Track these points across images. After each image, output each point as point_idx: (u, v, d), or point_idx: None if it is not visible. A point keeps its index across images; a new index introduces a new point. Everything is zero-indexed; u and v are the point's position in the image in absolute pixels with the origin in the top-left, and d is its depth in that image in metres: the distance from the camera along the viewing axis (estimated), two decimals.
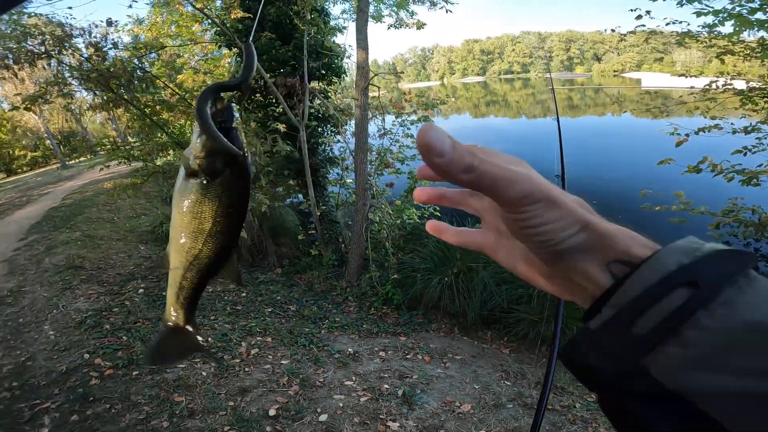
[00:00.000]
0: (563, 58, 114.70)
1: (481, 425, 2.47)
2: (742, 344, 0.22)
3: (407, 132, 6.33)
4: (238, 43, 5.36)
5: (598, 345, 0.26)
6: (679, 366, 0.23)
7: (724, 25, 3.82)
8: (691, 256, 0.25)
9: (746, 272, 0.24)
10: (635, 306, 0.25)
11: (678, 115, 5.39)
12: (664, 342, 0.23)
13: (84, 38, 6.27)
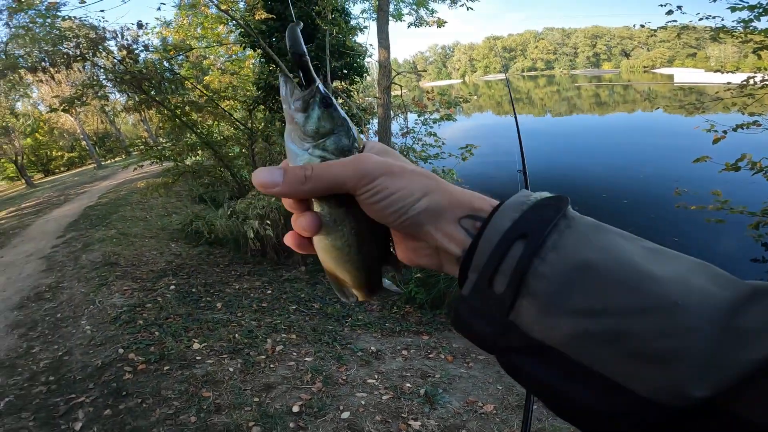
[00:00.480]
0: (589, 54, 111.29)
1: (504, 426, 2.44)
2: (573, 285, 0.24)
3: (430, 131, 6.30)
4: (262, 44, 5.46)
5: (473, 310, 0.28)
6: (535, 316, 0.25)
7: (760, 20, 3.63)
8: (519, 209, 0.28)
9: (565, 214, 0.28)
10: (489, 266, 0.27)
11: (713, 111, 5.15)
12: (519, 295, 0.26)
13: (116, 41, 6.50)
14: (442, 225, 0.31)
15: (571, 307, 0.24)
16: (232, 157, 7.03)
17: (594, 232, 0.27)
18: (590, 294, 0.24)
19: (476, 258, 0.28)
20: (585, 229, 0.27)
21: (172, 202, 8.82)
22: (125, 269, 4.97)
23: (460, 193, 0.32)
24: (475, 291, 0.28)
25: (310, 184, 0.32)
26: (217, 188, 8.12)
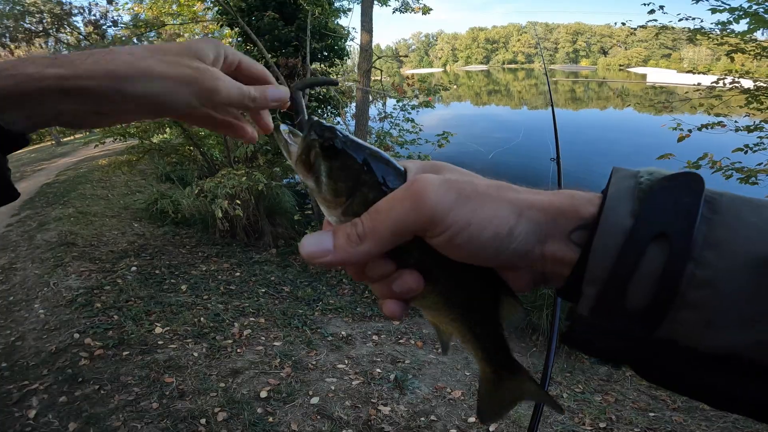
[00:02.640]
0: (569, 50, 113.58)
1: (471, 412, 2.49)
2: (755, 289, 0.20)
3: (408, 116, 6.27)
4: (240, 22, 5.24)
5: (599, 329, 0.23)
6: (703, 329, 0.21)
7: (739, 23, 3.75)
8: (635, 197, 0.23)
9: (705, 198, 0.22)
10: (616, 278, 0.22)
11: (681, 111, 5.35)
12: (671, 308, 0.21)
13: (83, 16, 6.20)
14: (548, 247, 0.25)
15: (756, 315, 0.20)
16: (202, 136, 6.80)
17: (751, 215, 0.22)
18: None
19: (592, 269, 0.23)
20: (741, 213, 0.22)
21: (136, 181, 8.46)
22: (83, 249, 4.73)
23: (556, 200, 0.25)
24: (599, 308, 0.23)
25: (367, 244, 0.26)
26: (186, 167, 7.85)
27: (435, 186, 0.25)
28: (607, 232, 0.22)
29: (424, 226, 0.25)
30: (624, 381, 3.14)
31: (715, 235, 0.21)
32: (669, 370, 0.23)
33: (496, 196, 0.25)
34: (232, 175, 4.51)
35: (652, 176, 0.24)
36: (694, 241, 0.21)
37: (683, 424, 2.52)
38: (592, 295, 0.23)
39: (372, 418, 2.38)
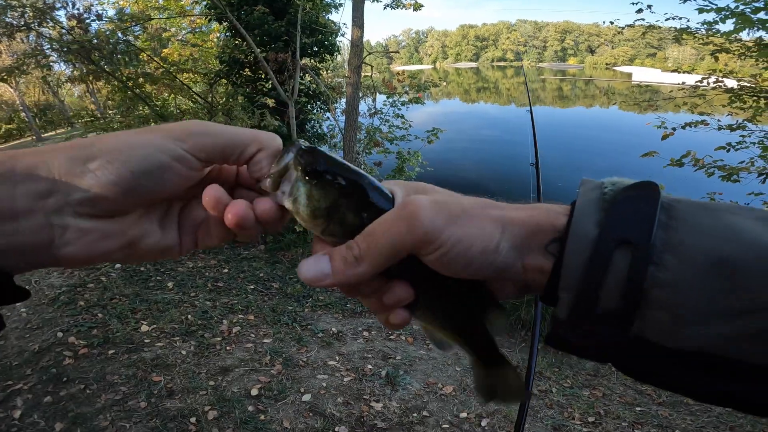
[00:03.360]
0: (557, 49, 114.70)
1: (463, 407, 2.51)
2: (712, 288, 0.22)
3: (398, 112, 6.26)
4: (229, 16, 5.14)
5: (576, 330, 0.25)
6: (669, 327, 0.23)
7: (725, 22, 3.82)
8: (599, 209, 0.25)
9: (662, 205, 0.24)
10: (588, 283, 0.24)
11: (665, 110, 5.45)
12: (638, 308, 0.23)
13: (66, 10, 6.09)
14: (529, 260, 0.27)
15: (716, 312, 0.22)
16: None
17: (706, 218, 0.23)
18: (737, 294, 0.21)
19: (566, 276, 0.25)
20: (697, 217, 0.24)
21: None
22: None
23: (535, 214, 0.27)
24: (575, 312, 0.25)
25: (364, 265, 0.27)
26: None
27: (427, 207, 0.26)
28: (576, 243, 0.25)
29: (418, 245, 0.26)
30: (611, 376, 3.21)
31: (673, 239, 0.23)
32: (645, 366, 0.25)
33: (482, 215, 0.27)
34: None
35: (615, 186, 0.26)
36: (653, 246, 0.23)
37: (669, 418, 2.58)
38: (568, 300, 0.25)
39: (364, 414, 2.38)
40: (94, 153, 0.27)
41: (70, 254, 0.27)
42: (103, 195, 0.27)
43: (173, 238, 0.32)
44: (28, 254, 0.26)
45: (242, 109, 5.66)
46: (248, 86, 6.84)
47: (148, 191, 0.28)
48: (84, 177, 0.26)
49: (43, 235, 0.26)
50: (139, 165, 0.27)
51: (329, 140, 7.11)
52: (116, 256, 0.29)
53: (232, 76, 6.93)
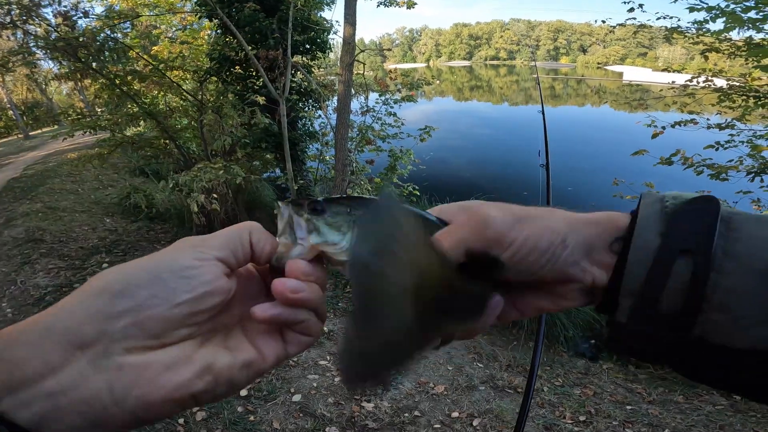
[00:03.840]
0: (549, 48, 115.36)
1: (455, 407, 2.51)
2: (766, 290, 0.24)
3: (390, 110, 6.24)
4: (219, 13, 5.08)
5: (637, 333, 0.28)
6: (731, 329, 0.25)
7: (715, 22, 3.84)
8: (662, 220, 0.27)
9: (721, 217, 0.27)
10: (650, 288, 0.26)
11: (655, 109, 5.50)
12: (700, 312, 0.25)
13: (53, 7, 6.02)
14: (593, 256, 0.29)
15: None
16: (178, 129, 6.62)
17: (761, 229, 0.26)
18: None
19: (627, 283, 0.27)
20: (753, 229, 0.26)
21: (108, 175, 8.19)
22: (51, 246, 4.55)
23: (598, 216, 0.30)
24: (635, 315, 0.27)
25: None
26: (161, 160, 7.64)
27: (494, 211, 0.30)
28: (638, 252, 0.27)
29: (492, 246, 0.29)
30: (601, 374, 3.22)
31: (733, 248, 0.25)
32: (704, 366, 0.27)
33: (548, 215, 0.30)
34: (209, 168, 4.39)
35: (676, 200, 0.28)
36: (714, 255, 0.25)
37: (659, 416, 2.59)
38: (629, 304, 0.28)
39: (356, 414, 2.36)
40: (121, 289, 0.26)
41: (142, 395, 0.25)
42: (146, 324, 0.25)
43: (250, 352, 0.31)
44: (89, 414, 0.23)
45: (232, 107, 5.60)
46: (239, 84, 6.78)
47: (194, 313, 0.28)
48: (122, 316, 0.25)
49: (96, 384, 0.24)
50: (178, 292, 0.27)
51: (321, 138, 7.07)
52: (199, 386, 0.27)
53: (222, 73, 6.87)
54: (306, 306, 0.31)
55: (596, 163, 9.82)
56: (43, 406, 0.22)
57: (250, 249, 0.31)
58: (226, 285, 0.30)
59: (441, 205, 0.34)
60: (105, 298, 0.25)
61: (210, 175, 4.27)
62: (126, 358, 0.25)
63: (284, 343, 0.32)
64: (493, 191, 5.58)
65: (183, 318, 0.27)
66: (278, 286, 0.30)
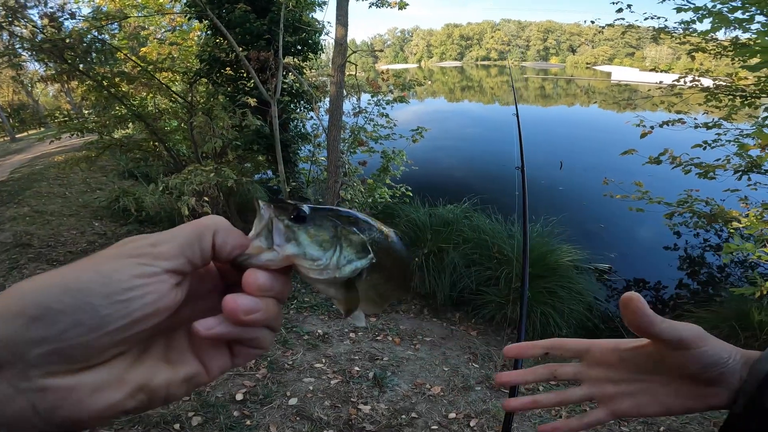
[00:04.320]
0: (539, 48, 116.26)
1: (452, 408, 2.52)
2: None
3: (382, 111, 6.24)
4: (210, 14, 5.03)
5: (746, 422, 0.36)
6: None
7: (702, 22, 3.90)
8: None
9: None
10: (759, 392, 0.35)
11: (643, 108, 5.58)
12: None
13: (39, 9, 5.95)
14: (742, 372, 0.37)
15: None
16: (168, 131, 6.55)
17: None
18: None
19: (747, 386, 0.36)
20: None
21: (96, 178, 8.08)
22: (39, 251, 4.47)
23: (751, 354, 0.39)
24: (746, 410, 0.36)
25: None
26: (150, 163, 7.55)
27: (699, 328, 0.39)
28: (761, 365, 0.36)
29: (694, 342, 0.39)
30: None
31: None
32: None
33: None
34: (199, 171, 4.35)
35: None
36: None
37: None
38: (743, 400, 0.36)
39: (352, 417, 2.36)
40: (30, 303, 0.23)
41: (69, 416, 0.23)
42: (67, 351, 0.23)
43: (192, 366, 0.28)
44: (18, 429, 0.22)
45: (223, 109, 5.55)
46: (229, 85, 6.73)
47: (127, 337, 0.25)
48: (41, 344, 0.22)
49: (19, 404, 0.22)
50: None
51: (313, 139, 7.05)
52: (132, 404, 0.25)
53: (212, 75, 6.81)
54: (258, 325, 0.28)
55: (586, 162, 9.92)
56: None
57: (211, 252, 0.28)
58: (173, 300, 0.26)
59: None
60: (19, 323, 0.22)
61: (201, 178, 4.23)
62: (47, 381, 0.22)
63: (231, 356, 0.30)
64: (483, 191, 5.60)
65: (113, 344, 0.24)
66: (230, 304, 0.27)
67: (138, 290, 0.24)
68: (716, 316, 3.46)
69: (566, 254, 4.16)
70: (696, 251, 5.73)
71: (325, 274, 0.30)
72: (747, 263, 4.75)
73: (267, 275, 0.29)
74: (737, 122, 4.73)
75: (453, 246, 4.23)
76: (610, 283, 4.95)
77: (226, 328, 0.27)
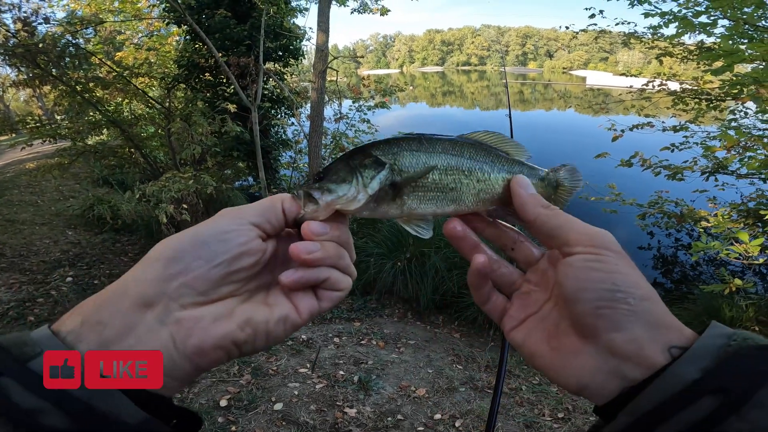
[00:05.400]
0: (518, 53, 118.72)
1: (437, 409, 2.54)
2: None
3: (364, 117, 6.28)
4: (189, 19, 4.98)
5: None
6: None
7: (668, 27, 4.06)
8: (715, 357, 0.26)
9: None
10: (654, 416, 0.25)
11: (615, 112, 5.78)
12: None
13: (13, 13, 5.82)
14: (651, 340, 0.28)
15: None
16: (144, 138, 6.42)
17: None
18: None
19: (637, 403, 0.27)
20: None
21: (70, 185, 7.84)
22: (11, 260, 4.33)
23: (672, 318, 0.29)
24: None
25: None
26: (126, 170, 7.38)
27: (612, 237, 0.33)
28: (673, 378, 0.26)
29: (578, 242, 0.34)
30: None
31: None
32: None
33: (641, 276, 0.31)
34: (177, 178, 4.28)
35: (744, 342, 0.26)
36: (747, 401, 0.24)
37: None
38: (623, 423, 0.27)
39: (339, 421, 2.36)
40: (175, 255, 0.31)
41: (197, 344, 0.30)
42: (193, 283, 0.31)
43: (286, 307, 0.35)
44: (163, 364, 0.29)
45: (202, 115, 5.49)
46: (208, 91, 6.66)
47: (233, 271, 0.32)
48: (175, 278, 0.30)
49: (163, 336, 0.29)
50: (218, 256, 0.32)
51: (294, 146, 7.03)
52: (241, 336, 0.32)
53: (191, 80, 6.73)
54: (322, 264, 0.35)
55: None
56: None
57: (282, 216, 0.36)
58: (260, 246, 0.34)
59: None
60: (160, 265, 0.30)
61: (179, 185, 4.17)
62: (182, 313, 0.30)
63: (317, 300, 0.36)
64: None
65: (223, 276, 0.32)
66: (293, 250, 0.34)
67: (233, 233, 0.33)
68: (689, 314, 3.55)
69: None
70: (669, 251, 5.92)
71: (361, 198, 0.37)
72: (717, 261, 4.91)
73: (318, 223, 0.36)
74: (704, 125, 4.94)
75: (435, 250, 4.28)
76: None
77: (301, 272, 0.34)
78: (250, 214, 0.34)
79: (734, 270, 4.32)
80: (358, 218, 2.95)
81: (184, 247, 0.31)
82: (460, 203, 0.41)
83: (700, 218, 4.06)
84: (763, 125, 4.46)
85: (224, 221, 0.34)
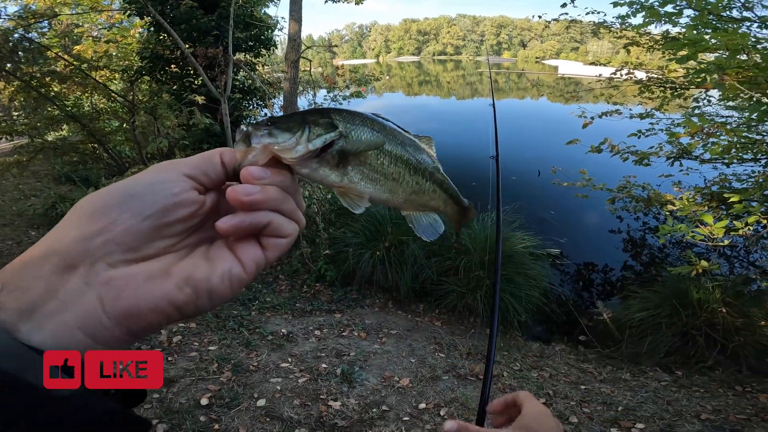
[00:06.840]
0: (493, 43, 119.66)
1: (421, 398, 2.58)
2: None
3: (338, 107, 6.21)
4: (151, 10, 4.74)
5: None
6: None
7: (636, 16, 4.16)
8: None
9: None
10: None
11: (586, 101, 5.92)
12: None
13: None
14: None
15: None
16: (107, 132, 6.15)
17: None
18: None
19: None
20: None
21: (30, 183, 7.44)
22: None
23: None
24: None
25: None
26: (89, 166, 7.05)
27: None
28: None
29: None
30: (555, 356, 3.43)
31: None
32: None
33: None
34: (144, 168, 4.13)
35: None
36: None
37: (611, 395, 2.77)
38: None
39: (323, 414, 2.36)
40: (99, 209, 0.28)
41: (128, 306, 0.27)
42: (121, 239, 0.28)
43: (228, 261, 0.32)
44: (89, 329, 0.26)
45: (168, 107, 5.29)
46: (175, 83, 6.42)
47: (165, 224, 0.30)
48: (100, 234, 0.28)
49: (89, 299, 0.26)
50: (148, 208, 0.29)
51: None
52: (180, 297, 0.29)
53: (156, 72, 6.46)
54: (263, 207, 0.32)
55: (537, 152, 10.39)
56: (51, 326, 0.25)
57: (222, 168, 0.33)
58: (196, 198, 0.32)
59: None
60: (83, 221, 0.28)
61: None
62: (110, 272, 0.27)
63: (263, 249, 0.33)
64: None
65: (154, 229, 0.29)
66: (230, 193, 0.31)
67: (165, 184, 0.30)
68: (658, 296, 3.65)
69: (520, 241, 4.35)
70: (637, 234, 6.17)
71: (300, 149, 0.35)
72: (683, 243, 5.13)
73: (257, 168, 0.33)
74: (669, 112, 5.14)
75: (413, 238, 4.30)
76: (563, 267, 5.24)
77: (240, 216, 0.31)
78: (184, 165, 0.32)
79: (700, 252, 4.48)
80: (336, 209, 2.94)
81: (110, 201, 0.29)
82: (394, 195, 0.42)
83: (666, 202, 4.22)
84: (726, 112, 4.66)
85: (154, 173, 0.31)
